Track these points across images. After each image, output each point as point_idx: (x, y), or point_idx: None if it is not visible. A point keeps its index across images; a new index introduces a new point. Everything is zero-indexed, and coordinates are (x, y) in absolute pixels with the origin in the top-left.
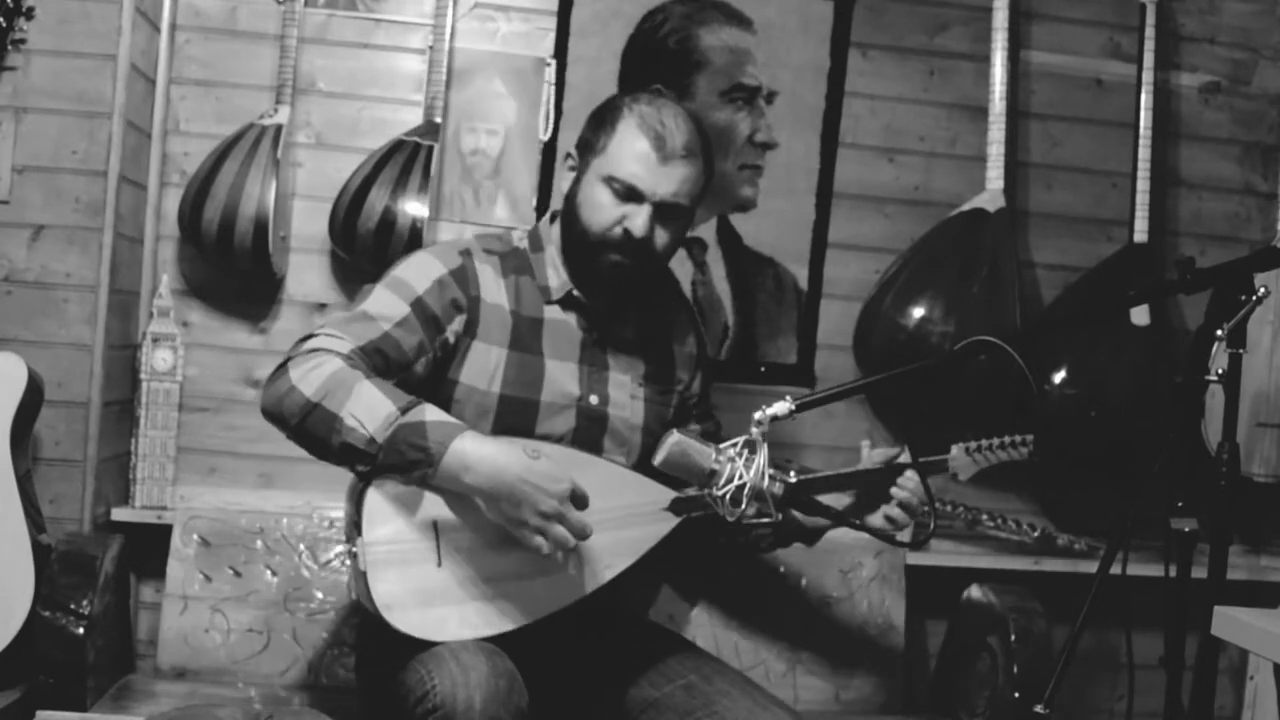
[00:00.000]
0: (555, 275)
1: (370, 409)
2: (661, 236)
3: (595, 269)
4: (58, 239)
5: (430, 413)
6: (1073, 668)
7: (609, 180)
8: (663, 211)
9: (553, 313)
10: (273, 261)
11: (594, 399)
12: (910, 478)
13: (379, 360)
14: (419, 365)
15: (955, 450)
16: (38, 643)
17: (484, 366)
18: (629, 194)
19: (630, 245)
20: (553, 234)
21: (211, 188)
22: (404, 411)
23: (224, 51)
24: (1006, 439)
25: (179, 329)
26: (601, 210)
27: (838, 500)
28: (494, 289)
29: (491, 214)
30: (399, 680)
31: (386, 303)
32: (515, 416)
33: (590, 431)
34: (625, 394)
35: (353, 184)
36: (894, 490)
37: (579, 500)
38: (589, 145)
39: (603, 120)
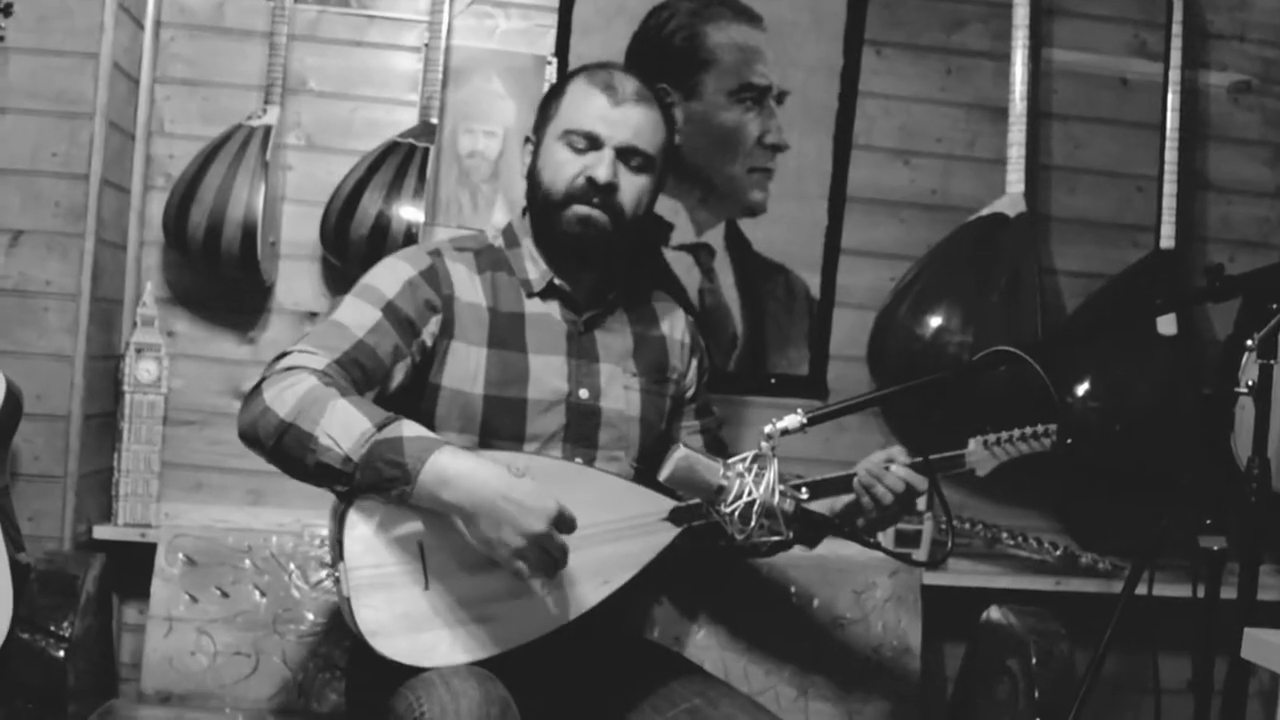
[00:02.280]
0: (534, 267)
1: (345, 427)
2: (628, 187)
3: (563, 229)
4: (37, 245)
5: (408, 428)
6: (1096, 692)
7: (566, 135)
8: (624, 157)
9: (534, 306)
10: (261, 268)
11: (584, 393)
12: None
13: (357, 372)
14: (398, 371)
15: (973, 444)
16: (16, 666)
17: (465, 368)
18: (588, 143)
19: (595, 192)
20: (527, 226)
21: (197, 191)
22: (380, 428)
23: (210, 49)
24: (1028, 429)
25: (164, 339)
26: (563, 167)
27: (839, 500)
28: (468, 287)
29: (490, 218)
30: (389, 707)
31: (357, 311)
32: (503, 417)
33: (583, 427)
34: (618, 385)
35: (345, 187)
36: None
37: (565, 523)
38: (543, 118)
39: (553, 92)
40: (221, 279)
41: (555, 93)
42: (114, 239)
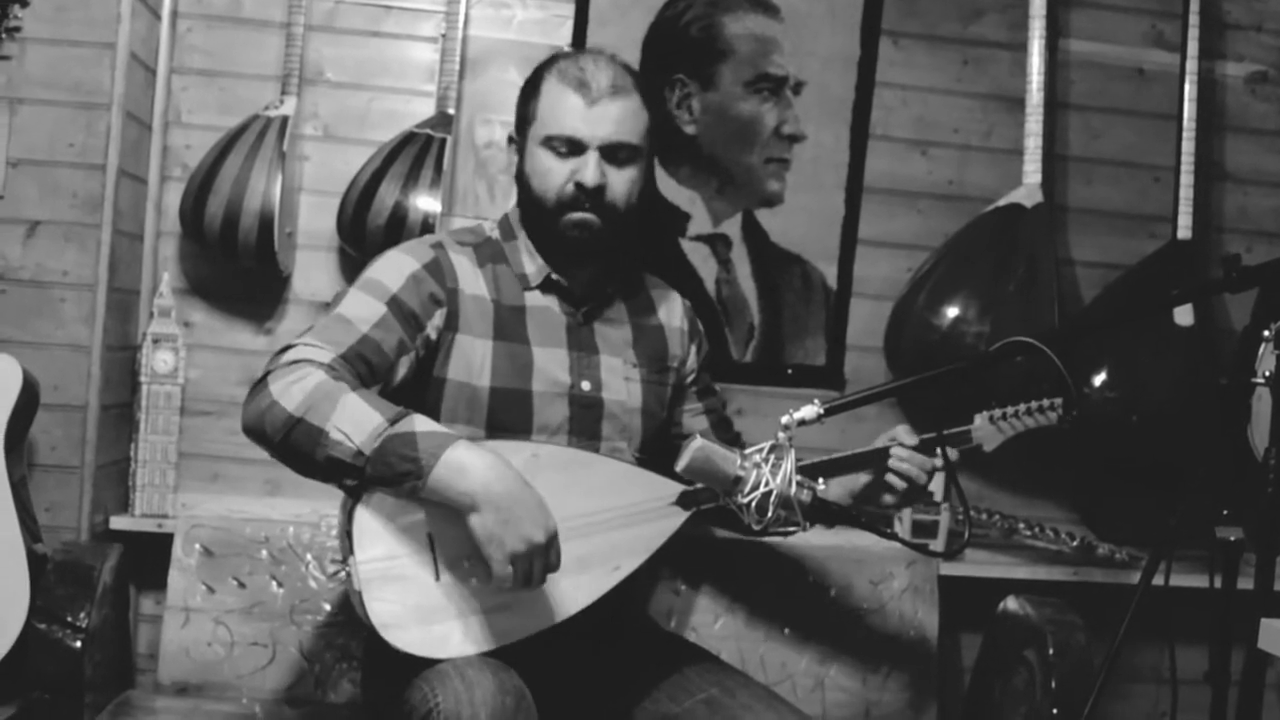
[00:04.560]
0: (531, 261)
1: (356, 421)
2: (618, 183)
3: (560, 236)
4: (54, 235)
5: (420, 423)
6: (1113, 683)
7: (547, 141)
8: (609, 155)
9: (534, 299)
10: (278, 259)
11: (586, 385)
12: (907, 453)
13: (362, 366)
14: (402, 365)
15: (979, 419)
16: (33, 657)
17: (471, 360)
18: (570, 148)
19: (586, 197)
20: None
21: (214, 182)
22: (393, 422)
23: (227, 40)
24: (1034, 403)
25: (180, 329)
26: (550, 174)
27: (855, 481)
28: (472, 280)
29: (507, 209)
30: (403, 698)
31: (362, 304)
32: (509, 410)
33: (586, 419)
34: (618, 377)
35: (362, 178)
36: (891, 463)
37: (556, 549)
38: (523, 119)
39: (529, 90)
40: (238, 269)
41: (531, 92)
42: (131, 229)
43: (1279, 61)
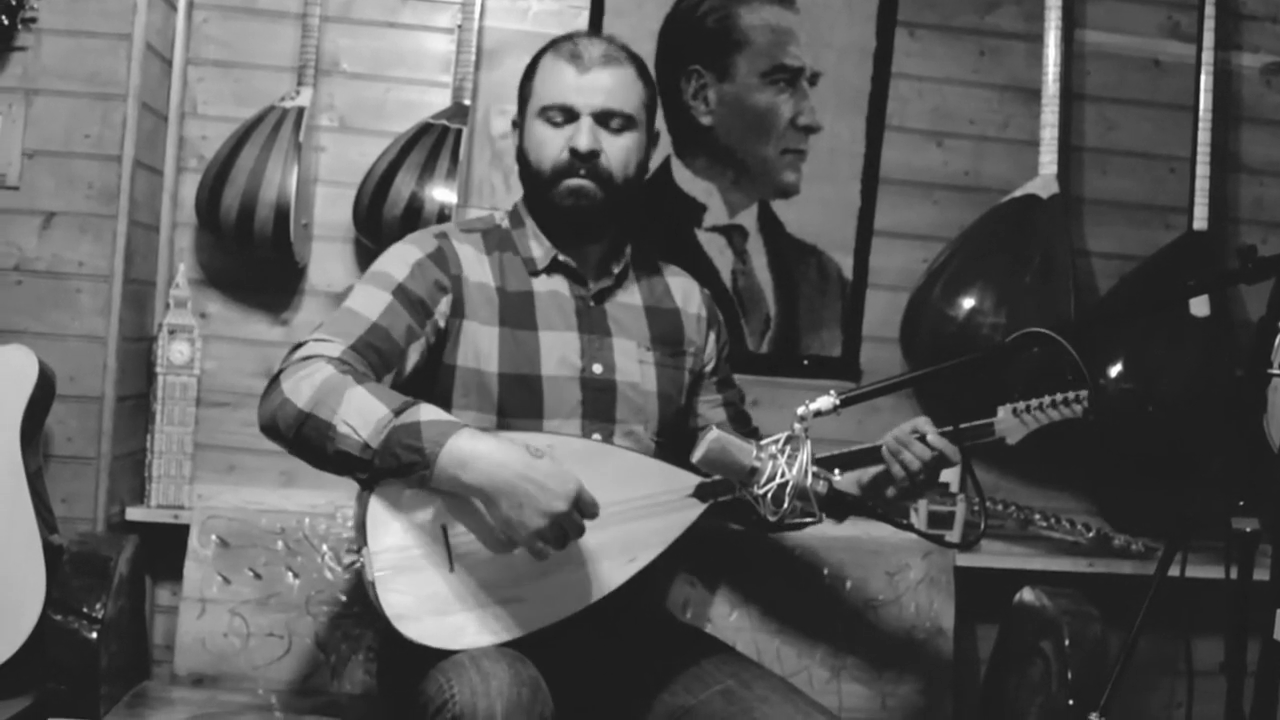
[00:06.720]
0: (538, 245)
1: (362, 414)
2: (613, 151)
3: (557, 206)
4: (70, 227)
5: (425, 412)
6: (1129, 674)
7: (543, 113)
8: (603, 122)
9: (541, 284)
10: (294, 250)
11: (598, 368)
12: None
13: (373, 355)
14: (413, 352)
15: (1002, 412)
16: (49, 648)
17: (478, 347)
18: (565, 116)
19: (580, 162)
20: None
21: (230, 173)
22: (398, 413)
23: (243, 31)
24: (1059, 396)
25: (196, 320)
26: (546, 144)
27: (864, 472)
28: (476, 267)
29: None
30: (419, 689)
31: (369, 296)
32: (518, 395)
33: (599, 403)
34: (632, 360)
35: (378, 169)
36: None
37: (586, 505)
38: (523, 99)
39: (528, 72)
40: (254, 260)
41: (529, 73)
42: (147, 220)
43: None
